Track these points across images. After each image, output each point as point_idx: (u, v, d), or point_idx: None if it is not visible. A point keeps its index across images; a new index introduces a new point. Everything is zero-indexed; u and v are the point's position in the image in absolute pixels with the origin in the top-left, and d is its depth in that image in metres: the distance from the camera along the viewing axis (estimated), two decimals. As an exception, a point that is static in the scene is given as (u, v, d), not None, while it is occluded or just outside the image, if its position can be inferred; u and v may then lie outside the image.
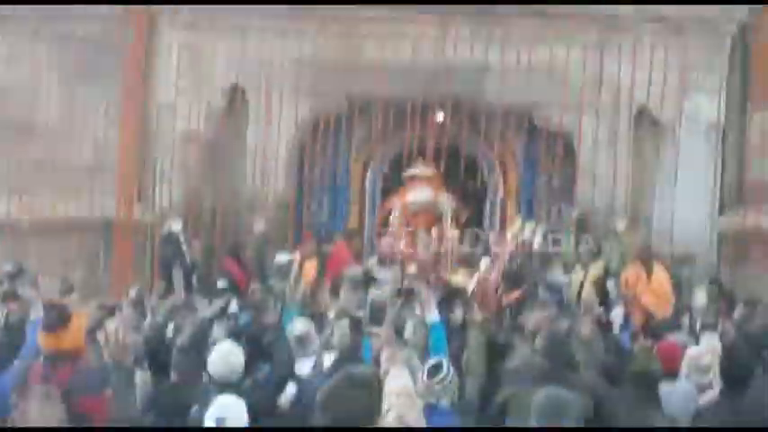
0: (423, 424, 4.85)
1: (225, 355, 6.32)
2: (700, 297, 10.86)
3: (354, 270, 11.24)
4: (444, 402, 5.82)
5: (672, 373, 7.18)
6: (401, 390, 4.69)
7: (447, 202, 13.30)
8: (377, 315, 8.52)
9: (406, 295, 8.02)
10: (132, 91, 14.01)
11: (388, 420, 4.45)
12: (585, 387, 6.32)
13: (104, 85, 14.19)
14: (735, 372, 6.65)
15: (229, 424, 5.37)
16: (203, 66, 13.94)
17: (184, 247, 13.11)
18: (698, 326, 9.33)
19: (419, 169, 13.55)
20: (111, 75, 14.20)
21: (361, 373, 4.45)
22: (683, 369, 7.26)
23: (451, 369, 5.96)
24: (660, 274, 11.89)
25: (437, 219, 13.15)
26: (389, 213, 13.59)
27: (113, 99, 14.15)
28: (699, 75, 13.79)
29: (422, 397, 5.81)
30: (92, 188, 14.02)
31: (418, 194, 13.27)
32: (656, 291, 11.65)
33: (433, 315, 7.17)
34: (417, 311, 8.05)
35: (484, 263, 11.95)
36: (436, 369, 5.90)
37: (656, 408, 6.41)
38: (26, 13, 14.14)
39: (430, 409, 5.78)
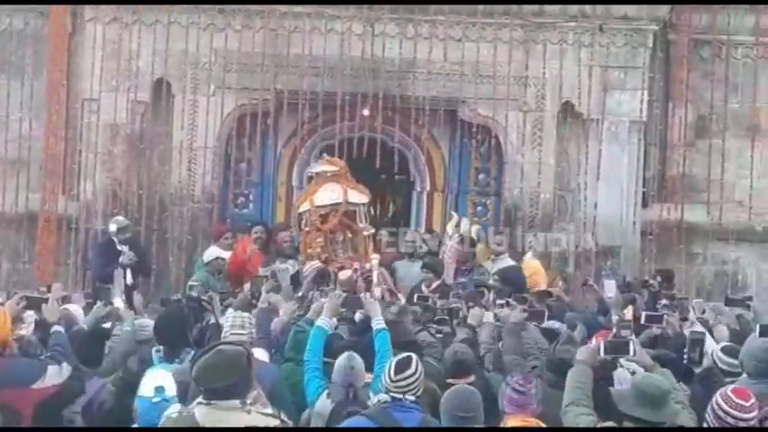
0: None
1: None
2: (609, 288, 11.06)
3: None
4: (409, 397, 5.87)
5: None
6: None
7: (358, 198, 12.66)
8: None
9: (353, 304, 8.16)
10: (55, 84, 13.83)
11: None
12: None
13: (27, 78, 14.03)
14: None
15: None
16: (128, 60, 13.79)
17: (120, 248, 12.80)
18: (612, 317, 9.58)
19: (323, 167, 12.84)
20: (34, 68, 14.06)
21: (231, 349, 4.83)
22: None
23: (420, 365, 6.02)
24: (528, 263, 12.73)
25: (350, 216, 12.59)
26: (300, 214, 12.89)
27: (37, 92, 13.97)
28: (621, 72, 14.04)
29: (387, 392, 5.87)
30: (15, 182, 13.90)
31: (327, 195, 12.51)
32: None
33: (378, 322, 7.34)
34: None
35: (374, 258, 12.08)
36: (404, 365, 5.95)
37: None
38: (-53, 4, 13.95)
39: (395, 404, 5.83)
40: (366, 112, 13.77)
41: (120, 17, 13.77)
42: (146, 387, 5.95)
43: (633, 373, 6.42)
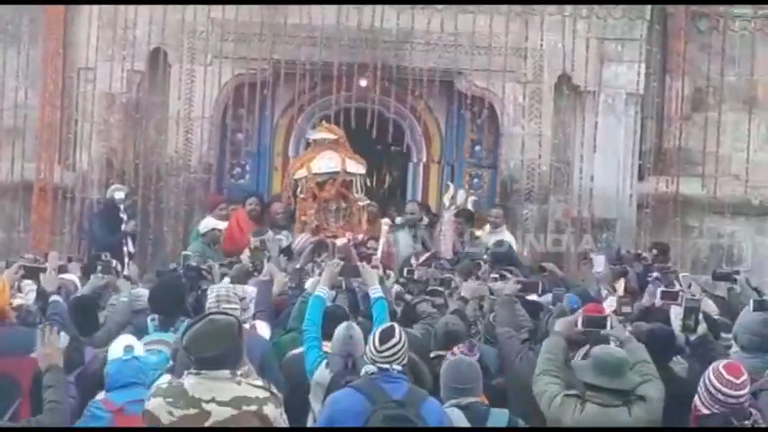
0: None
1: None
2: (598, 263, 11.09)
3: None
4: (396, 367, 5.88)
5: None
6: None
7: (355, 168, 12.77)
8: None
9: (349, 273, 8.18)
10: (52, 53, 13.78)
11: None
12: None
13: (23, 46, 13.98)
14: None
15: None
16: (124, 29, 13.71)
17: (124, 217, 12.84)
18: (602, 291, 9.62)
19: (323, 134, 12.92)
20: (30, 36, 14.00)
21: (222, 318, 4.84)
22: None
23: (403, 334, 6.03)
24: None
25: (346, 186, 12.73)
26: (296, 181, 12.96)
27: (33, 61, 13.93)
28: (618, 44, 14.00)
29: (373, 362, 5.88)
30: (10, 151, 13.86)
31: (324, 163, 12.60)
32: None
33: (376, 291, 7.34)
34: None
35: (385, 224, 12.10)
36: (388, 335, 5.95)
37: None
38: (-60, -26, 13.88)
39: (382, 375, 5.85)
40: (363, 83, 13.72)
41: (117, -15, 13.73)
42: (114, 350, 6.31)
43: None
